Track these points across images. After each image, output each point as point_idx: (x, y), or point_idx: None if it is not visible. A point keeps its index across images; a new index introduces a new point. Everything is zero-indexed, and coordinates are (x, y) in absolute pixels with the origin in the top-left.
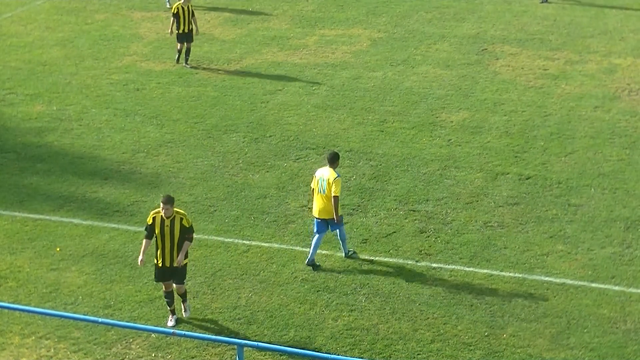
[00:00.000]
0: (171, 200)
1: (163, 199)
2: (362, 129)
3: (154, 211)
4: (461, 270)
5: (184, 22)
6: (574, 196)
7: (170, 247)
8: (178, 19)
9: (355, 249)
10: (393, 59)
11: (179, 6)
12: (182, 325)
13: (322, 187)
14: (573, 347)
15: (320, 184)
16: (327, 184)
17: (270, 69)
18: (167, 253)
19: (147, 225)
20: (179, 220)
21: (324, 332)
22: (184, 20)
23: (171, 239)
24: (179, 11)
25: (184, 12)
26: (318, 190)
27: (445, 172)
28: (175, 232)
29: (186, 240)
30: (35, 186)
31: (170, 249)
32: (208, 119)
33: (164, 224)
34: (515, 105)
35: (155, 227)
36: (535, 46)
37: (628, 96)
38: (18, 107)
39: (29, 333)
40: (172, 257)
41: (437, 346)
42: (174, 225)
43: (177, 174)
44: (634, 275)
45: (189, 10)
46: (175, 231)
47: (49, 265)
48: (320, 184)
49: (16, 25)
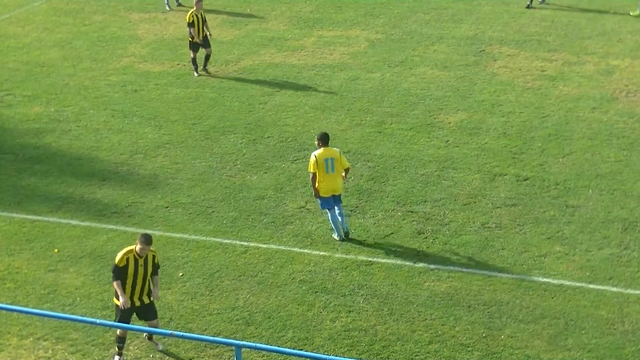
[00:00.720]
0: (151, 241)
1: (144, 240)
2: (360, 130)
3: (126, 251)
4: (459, 271)
5: (199, 30)
6: (571, 197)
7: (142, 285)
8: (193, 28)
9: (353, 250)
10: (391, 60)
11: (194, 14)
12: (180, 326)
13: (331, 166)
14: (571, 349)
15: (327, 164)
16: (336, 162)
17: (268, 70)
18: (138, 291)
19: (118, 267)
20: (151, 258)
21: (322, 333)
22: (199, 28)
23: (144, 278)
24: (194, 20)
25: (199, 20)
26: (326, 171)
27: (443, 173)
28: (148, 270)
29: (155, 275)
30: (33, 187)
31: (142, 287)
32: (206, 120)
33: (137, 264)
34: (513, 106)
35: (129, 268)
36: (533, 47)
37: (626, 97)
38: (16, 108)
39: (27, 334)
40: (142, 295)
41: (435, 347)
42: (147, 264)
43: (175, 175)
44: (631, 276)
45: (203, 17)
46: (148, 269)
47: (47, 266)
48: (328, 164)
49: (14, 26)
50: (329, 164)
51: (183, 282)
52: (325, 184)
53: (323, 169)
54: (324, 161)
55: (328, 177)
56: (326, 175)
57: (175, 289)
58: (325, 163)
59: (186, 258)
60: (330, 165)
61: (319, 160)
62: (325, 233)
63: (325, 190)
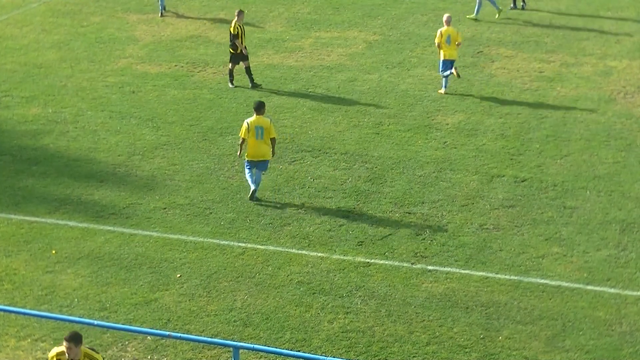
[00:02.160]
0: (76, 339)
1: (66, 337)
2: (357, 132)
3: (56, 352)
4: (457, 272)
5: (242, 41)
6: (569, 199)
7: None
8: (238, 39)
9: (350, 251)
10: (389, 61)
11: (238, 25)
12: (177, 327)
13: (261, 134)
14: (569, 350)
15: (257, 132)
16: (265, 131)
17: (265, 72)
18: None
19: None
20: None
21: (320, 335)
22: (242, 40)
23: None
24: (239, 31)
25: (243, 31)
26: (255, 137)
27: (440, 174)
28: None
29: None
30: (31, 189)
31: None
32: (204, 122)
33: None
34: (510, 107)
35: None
36: (530, 49)
37: (623, 99)
38: (14, 109)
39: (25, 335)
40: None
41: (432, 349)
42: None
43: (172, 177)
44: (629, 277)
45: (244, 29)
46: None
47: (45, 267)
48: (258, 132)
49: (12, 27)
50: (259, 132)
51: (181, 284)
52: (253, 150)
53: (253, 135)
54: (254, 128)
55: (257, 143)
56: (255, 141)
57: (173, 290)
58: (256, 130)
59: (184, 259)
60: (260, 133)
61: (251, 127)
62: (323, 234)
63: (252, 154)
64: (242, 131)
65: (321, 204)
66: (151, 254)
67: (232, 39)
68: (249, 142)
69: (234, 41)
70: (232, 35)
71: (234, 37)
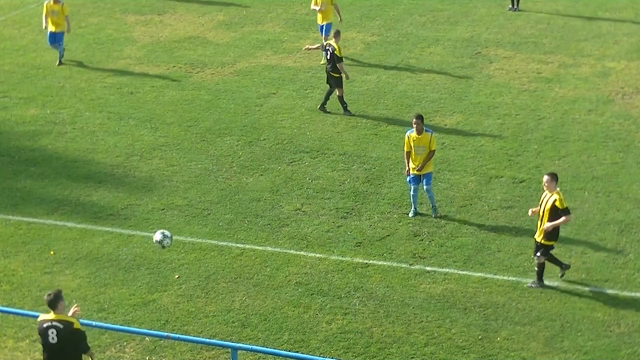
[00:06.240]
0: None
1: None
2: (355, 133)
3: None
4: (455, 273)
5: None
6: (567, 199)
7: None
8: (341, 62)
9: (348, 253)
10: (387, 62)
11: (338, 46)
12: (176, 328)
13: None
14: (567, 351)
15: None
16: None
17: (264, 73)
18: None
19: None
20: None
21: (318, 336)
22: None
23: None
24: (335, 51)
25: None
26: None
27: (439, 175)
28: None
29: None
30: (29, 189)
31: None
32: (202, 123)
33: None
34: (509, 108)
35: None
36: (529, 49)
37: (622, 99)
38: (12, 110)
39: (23, 336)
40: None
41: (430, 349)
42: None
43: (170, 178)
44: (627, 278)
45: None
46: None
47: (43, 268)
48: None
49: (10, 28)
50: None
51: (179, 285)
52: None
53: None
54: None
55: None
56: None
57: (171, 291)
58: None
59: (182, 260)
60: None
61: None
62: (321, 235)
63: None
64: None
65: (319, 205)
66: (149, 255)
67: (337, 62)
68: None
69: (338, 64)
70: (339, 58)
71: (340, 60)
